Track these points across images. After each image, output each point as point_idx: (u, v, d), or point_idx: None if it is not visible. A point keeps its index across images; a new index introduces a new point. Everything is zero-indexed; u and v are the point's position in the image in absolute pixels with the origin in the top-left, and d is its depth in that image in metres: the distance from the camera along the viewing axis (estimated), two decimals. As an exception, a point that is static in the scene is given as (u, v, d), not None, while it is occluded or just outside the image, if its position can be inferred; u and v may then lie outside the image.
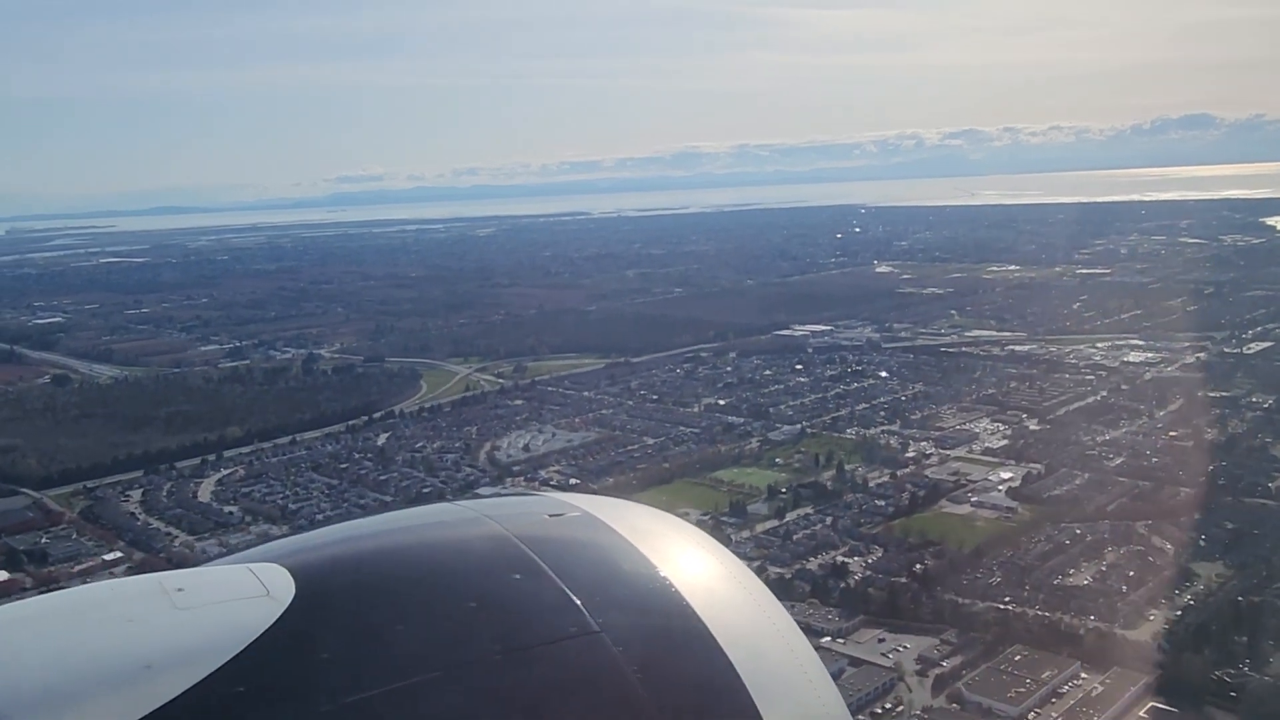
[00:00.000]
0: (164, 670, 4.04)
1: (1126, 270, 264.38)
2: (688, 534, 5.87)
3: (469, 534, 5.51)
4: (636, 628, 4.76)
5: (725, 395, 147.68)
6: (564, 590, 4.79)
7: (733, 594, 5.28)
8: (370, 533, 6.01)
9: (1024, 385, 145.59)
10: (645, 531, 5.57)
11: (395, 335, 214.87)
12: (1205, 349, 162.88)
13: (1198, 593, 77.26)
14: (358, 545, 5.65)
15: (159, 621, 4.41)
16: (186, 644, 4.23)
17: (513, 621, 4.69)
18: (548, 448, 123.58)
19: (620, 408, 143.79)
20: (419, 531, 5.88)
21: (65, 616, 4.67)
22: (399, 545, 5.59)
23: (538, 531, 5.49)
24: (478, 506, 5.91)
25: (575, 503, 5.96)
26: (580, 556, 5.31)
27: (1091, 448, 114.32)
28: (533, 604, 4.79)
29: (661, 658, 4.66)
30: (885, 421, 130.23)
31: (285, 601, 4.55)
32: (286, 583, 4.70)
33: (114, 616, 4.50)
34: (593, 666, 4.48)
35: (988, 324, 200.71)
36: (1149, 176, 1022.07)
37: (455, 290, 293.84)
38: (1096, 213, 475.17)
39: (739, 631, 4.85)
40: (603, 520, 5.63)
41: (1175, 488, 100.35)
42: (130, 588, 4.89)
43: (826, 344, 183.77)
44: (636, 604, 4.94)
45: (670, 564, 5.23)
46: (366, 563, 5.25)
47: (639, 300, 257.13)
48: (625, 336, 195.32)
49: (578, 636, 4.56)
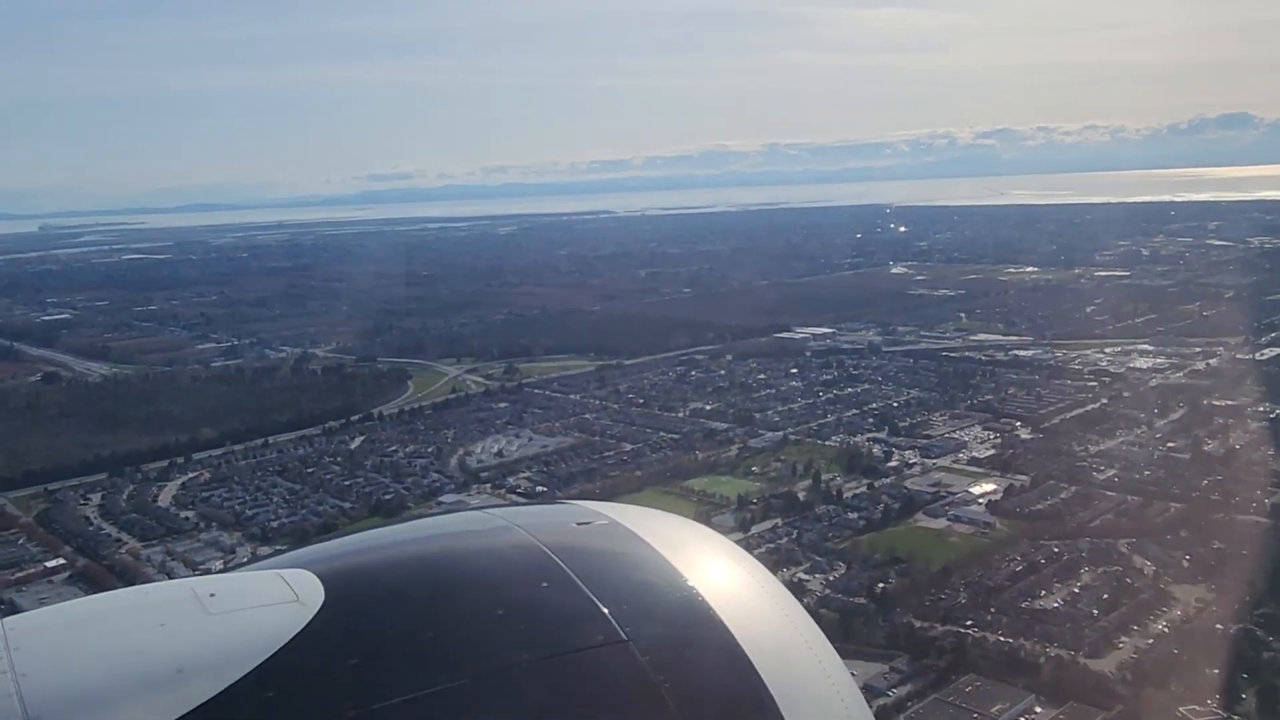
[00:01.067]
0: (195, 674, 4.12)
1: (1146, 273, 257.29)
2: (716, 544, 5.90)
3: (497, 542, 5.55)
4: (664, 637, 4.75)
5: (714, 399, 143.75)
6: (592, 599, 4.79)
7: (761, 605, 5.25)
8: (399, 539, 6.08)
9: (1022, 392, 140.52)
10: (673, 541, 5.54)
11: (393, 334, 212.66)
12: (1218, 355, 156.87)
13: (1173, 619, 72.49)
14: (387, 552, 5.73)
15: (190, 626, 4.48)
16: (217, 648, 4.30)
17: (540, 630, 4.71)
18: (522, 453, 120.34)
19: (604, 412, 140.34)
20: (448, 539, 6.06)
21: (99, 620, 4.75)
22: (428, 552, 5.66)
23: (566, 540, 5.47)
24: (506, 514, 5.94)
25: (604, 511, 5.95)
26: (608, 565, 5.29)
27: (1083, 459, 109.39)
28: (560, 612, 4.80)
29: (689, 668, 4.66)
30: (873, 428, 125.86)
31: (315, 607, 4.59)
32: (316, 589, 4.74)
33: (146, 621, 4.57)
34: (620, 676, 4.49)
35: (995, 327, 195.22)
36: (1185, 177, 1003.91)
37: (463, 289, 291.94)
38: (1124, 213, 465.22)
39: (767, 643, 4.81)
40: (631, 529, 5.64)
41: (1165, 503, 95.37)
42: (163, 593, 5.12)
43: (826, 347, 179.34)
44: (664, 614, 4.92)
45: (698, 574, 5.20)
46: (395, 569, 5.29)
47: (645, 300, 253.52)
48: (623, 338, 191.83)
49: (605, 645, 4.56)
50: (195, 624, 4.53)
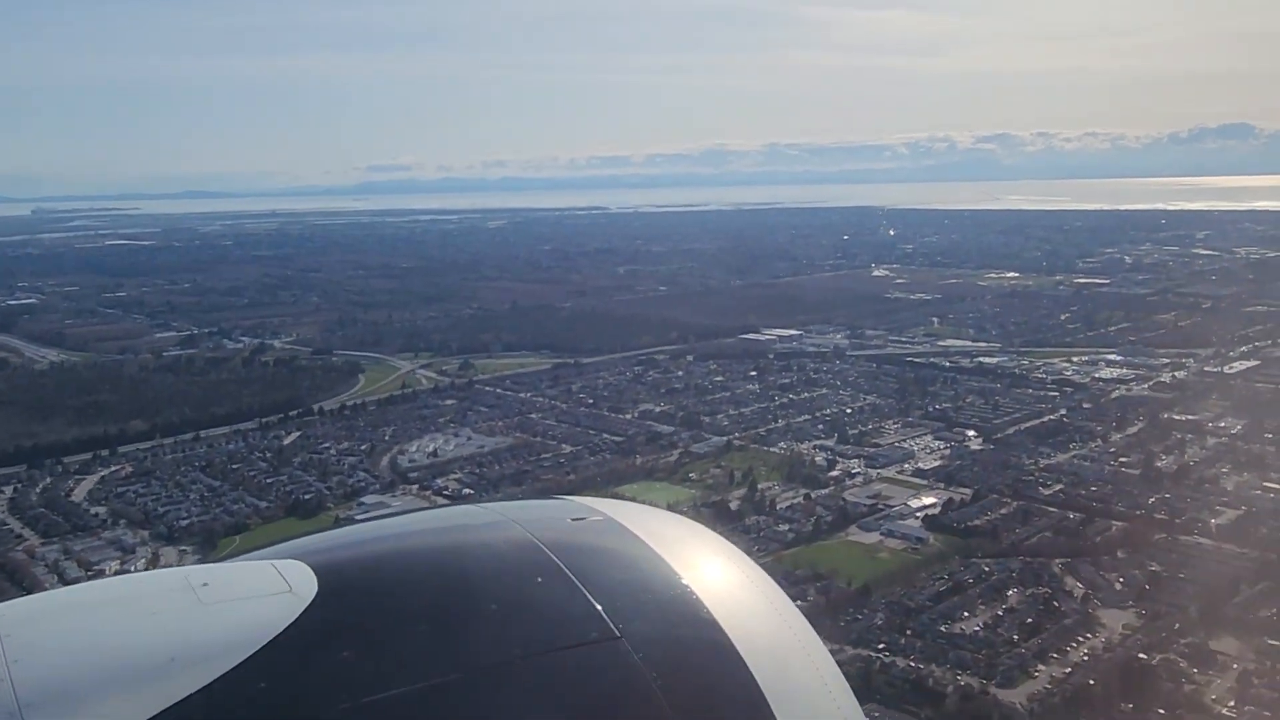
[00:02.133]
0: (187, 664, 4.11)
1: (1127, 281, 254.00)
2: (710, 541, 5.89)
3: (492, 536, 5.51)
4: (657, 634, 4.74)
5: (666, 401, 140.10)
6: (586, 595, 4.78)
7: (754, 603, 5.25)
8: (393, 532, 6.20)
9: (981, 400, 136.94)
10: (668, 538, 5.54)
11: (357, 327, 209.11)
12: (1186, 367, 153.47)
13: (1095, 647, 68.90)
14: (381, 544, 5.76)
15: (183, 615, 4.48)
16: (210, 638, 4.29)
17: (534, 625, 4.72)
18: (457, 453, 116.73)
19: (551, 412, 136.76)
20: (442, 533, 5.95)
21: (91, 608, 4.74)
22: (422, 546, 5.64)
23: (560, 536, 5.46)
24: (501, 509, 5.93)
25: (599, 507, 5.93)
26: (602, 562, 5.27)
27: (1030, 472, 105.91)
28: (554, 608, 4.79)
29: (681, 665, 4.65)
30: (822, 435, 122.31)
31: (308, 598, 4.57)
32: (309, 580, 4.71)
33: (139, 610, 4.57)
34: (613, 672, 4.49)
35: (966, 333, 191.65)
36: (1183, 186, 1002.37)
37: (439, 282, 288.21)
38: (1115, 221, 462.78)
39: (759, 641, 4.82)
40: (625, 526, 5.62)
41: (1108, 521, 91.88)
42: (156, 582, 4.99)
43: (791, 349, 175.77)
44: (658, 610, 4.92)
45: (692, 571, 5.20)
46: (389, 562, 5.31)
47: (618, 298, 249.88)
48: (587, 335, 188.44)
49: (599, 642, 4.55)
50: (188, 613, 4.47)
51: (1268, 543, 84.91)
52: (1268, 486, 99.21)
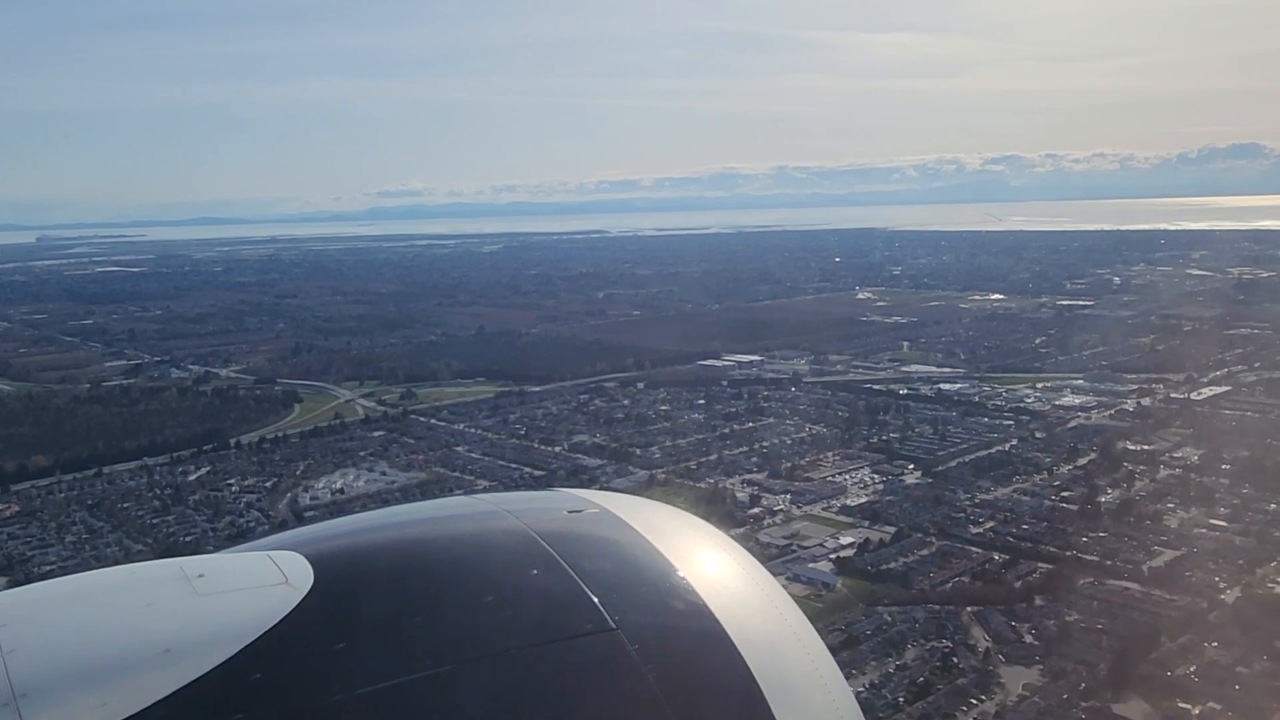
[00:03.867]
0: (182, 654, 4.09)
1: (1111, 303, 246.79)
2: (706, 533, 5.84)
3: (488, 528, 5.50)
4: (653, 626, 4.73)
5: (602, 433, 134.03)
6: (581, 587, 4.77)
7: (750, 595, 5.23)
8: (389, 524, 6.08)
9: (930, 430, 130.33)
10: (663, 530, 5.51)
11: (311, 354, 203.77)
12: (1153, 393, 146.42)
13: (985, 712, 62.24)
14: (376, 536, 5.70)
15: (178, 606, 4.47)
16: (205, 629, 4.28)
17: (530, 617, 4.70)
18: (364, 489, 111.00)
19: (480, 444, 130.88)
20: (438, 524, 5.94)
21: (86, 599, 4.71)
22: (418, 537, 5.60)
23: (556, 527, 5.45)
24: (497, 500, 5.91)
25: (595, 499, 5.90)
26: (598, 553, 5.23)
27: (963, 509, 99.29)
28: (550, 600, 4.78)
29: (677, 657, 4.65)
30: (755, 469, 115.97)
31: (304, 589, 4.56)
32: (305, 571, 4.70)
33: (134, 600, 4.55)
34: (608, 664, 4.48)
35: (934, 357, 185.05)
36: (1191, 206, 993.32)
37: (410, 308, 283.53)
38: (1113, 241, 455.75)
39: (755, 632, 4.82)
40: (621, 518, 5.59)
41: (1033, 563, 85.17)
42: (151, 572, 4.92)
43: (748, 376, 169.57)
44: (653, 602, 4.91)
45: (688, 563, 5.18)
46: (385, 553, 5.25)
47: (587, 323, 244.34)
48: (542, 362, 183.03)
49: (594, 634, 4.55)
50: (183, 604, 4.47)
51: (1199, 589, 78.16)
52: (1213, 524, 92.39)
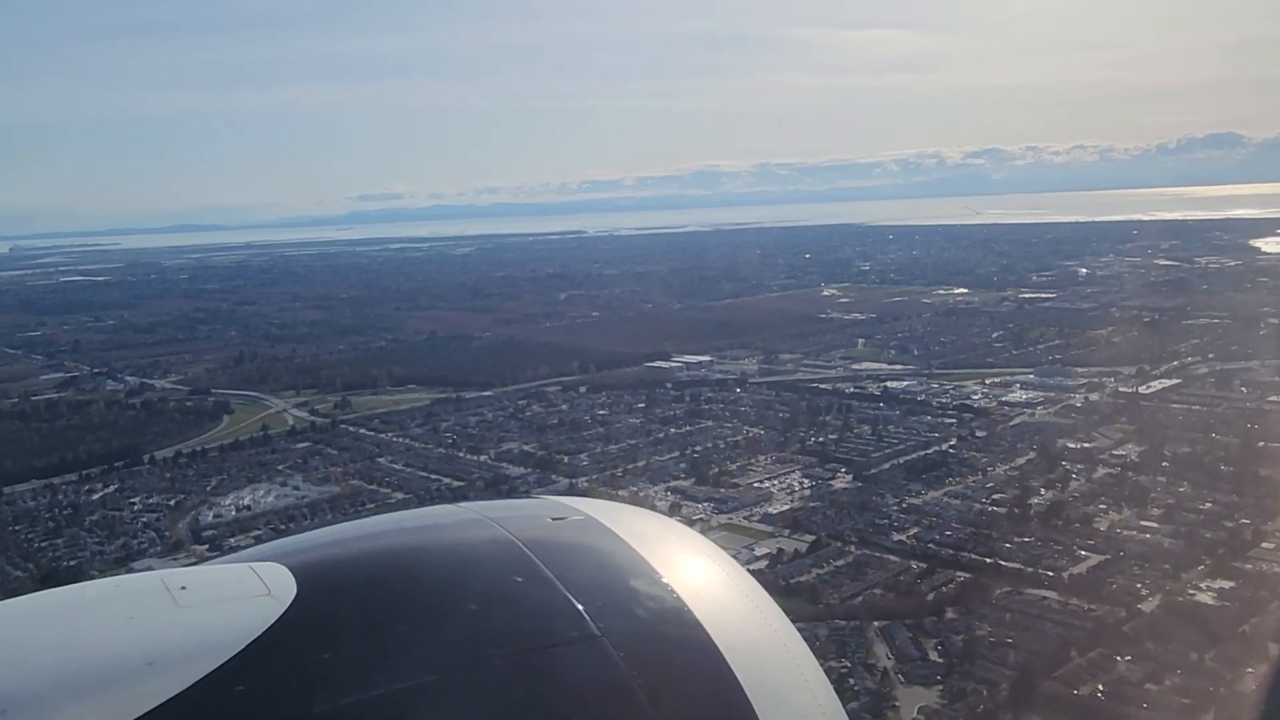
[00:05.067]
0: (164, 668, 4.04)
1: (1075, 295, 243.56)
2: (691, 540, 5.86)
3: (471, 536, 5.45)
4: (637, 633, 4.71)
5: (533, 439, 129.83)
6: (565, 594, 4.75)
7: (735, 601, 5.21)
8: (372, 533, 5.99)
9: (868, 430, 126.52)
10: (648, 536, 5.49)
11: (254, 363, 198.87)
12: (1103, 387, 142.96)
13: (874, 738, 58.29)
14: (359, 545, 5.63)
15: (160, 619, 4.41)
16: (187, 642, 4.23)
17: (513, 625, 4.68)
18: (273, 505, 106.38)
19: (405, 454, 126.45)
20: (421, 533, 5.85)
21: (66, 613, 4.64)
22: (401, 546, 5.54)
23: (540, 535, 5.42)
24: (480, 509, 5.87)
25: (579, 506, 5.90)
26: (582, 561, 5.23)
27: (887, 515, 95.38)
28: (533, 608, 4.76)
29: (662, 664, 4.62)
30: (683, 475, 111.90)
31: (286, 601, 4.52)
32: (288, 582, 4.66)
33: (115, 614, 4.47)
34: (592, 671, 4.45)
35: (887, 354, 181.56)
36: (1170, 196, 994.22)
37: (368, 312, 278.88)
38: (1087, 232, 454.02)
39: (740, 639, 4.78)
40: (605, 525, 5.57)
41: (951, 572, 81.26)
42: (132, 585, 4.86)
43: (695, 378, 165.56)
44: (638, 609, 4.90)
45: (672, 570, 5.16)
46: (368, 563, 5.22)
47: (542, 325, 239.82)
48: (487, 367, 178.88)
49: (578, 641, 4.52)
50: (165, 617, 4.39)
51: (1119, 597, 74.37)
52: (1143, 526, 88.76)
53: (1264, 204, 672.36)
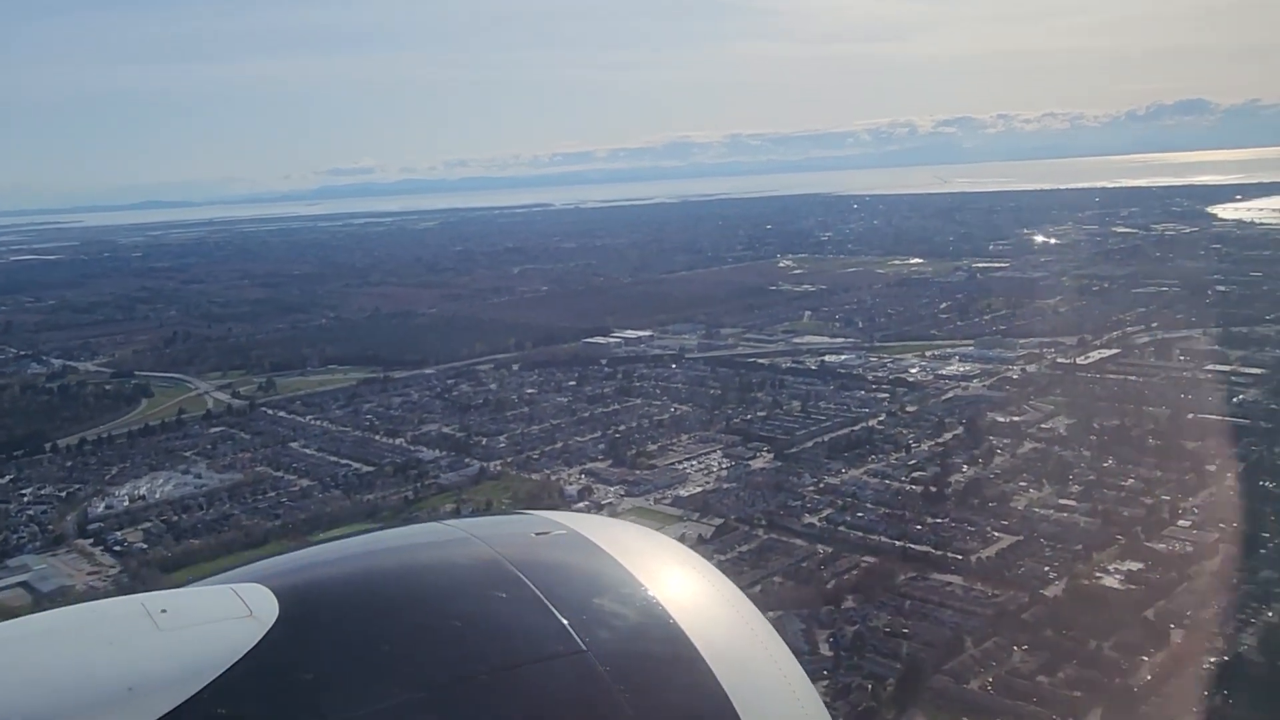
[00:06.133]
0: (146, 692, 4.00)
1: (1028, 264, 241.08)
2: (675, 552, 5.81)
3: (454, 553, 5.43)
4: (623, 646, 4.71)
5: (455, 420, 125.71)
6: (550, 609, 4.72)
7: (720, 612, 5.22)
8: (355, 552, 5.99)
9: (798, 406, 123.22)
10: (632, 550, 5.47)
11: (188, 343, 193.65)
12: (1042, 358, 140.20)
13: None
14: (342, 565, 5.60)
15: (141, 643, 4.37)
16: (169, 666, 4.20)
17: (498, 641, 4.66)
18: (170, 495, 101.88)
19: (320, 438, 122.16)
20: (404, 551, 5.84)
21: (46, 638, 4.60)
22: (384, 565, 5.53)
23: (524, 550, 5.40)
24: (464, 525, 5.86)
25: (562, 521, 5.88)
26: (566, 575, 5.23)
27: (801, 496, 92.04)
28: (518, 623, 4.74)
29: (648, 676, 4.62)
30: (601, 456, 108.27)
31: (268, 623, 4.49)
32: (270, 603, 4.63)
33: (96, 638, 4.45)
34: (578, 686, 4.44)
35: (832, 326, 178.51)
36: (1137, 163, 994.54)
37: (316, 289, 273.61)
38: (1049, 200, 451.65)
39: (726, 650, 4.78)
40: (589, 539, 5.55)
41: (857, 557, 78.08)
42: (112, 609, 4.83)
43: (633, 353, 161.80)
44: (623, 623, 4.88)
45: (657, 582, 5.14)
46: (351, 583, 5.19)
47: (489, 301, 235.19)
48: (424, 345, 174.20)
49: (564, 656, 4.50)
50: (146, 641, 4.35)
51: (1025, 581, 71.40)
52: (1061, 504, 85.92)
53: (1229, 170, 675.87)
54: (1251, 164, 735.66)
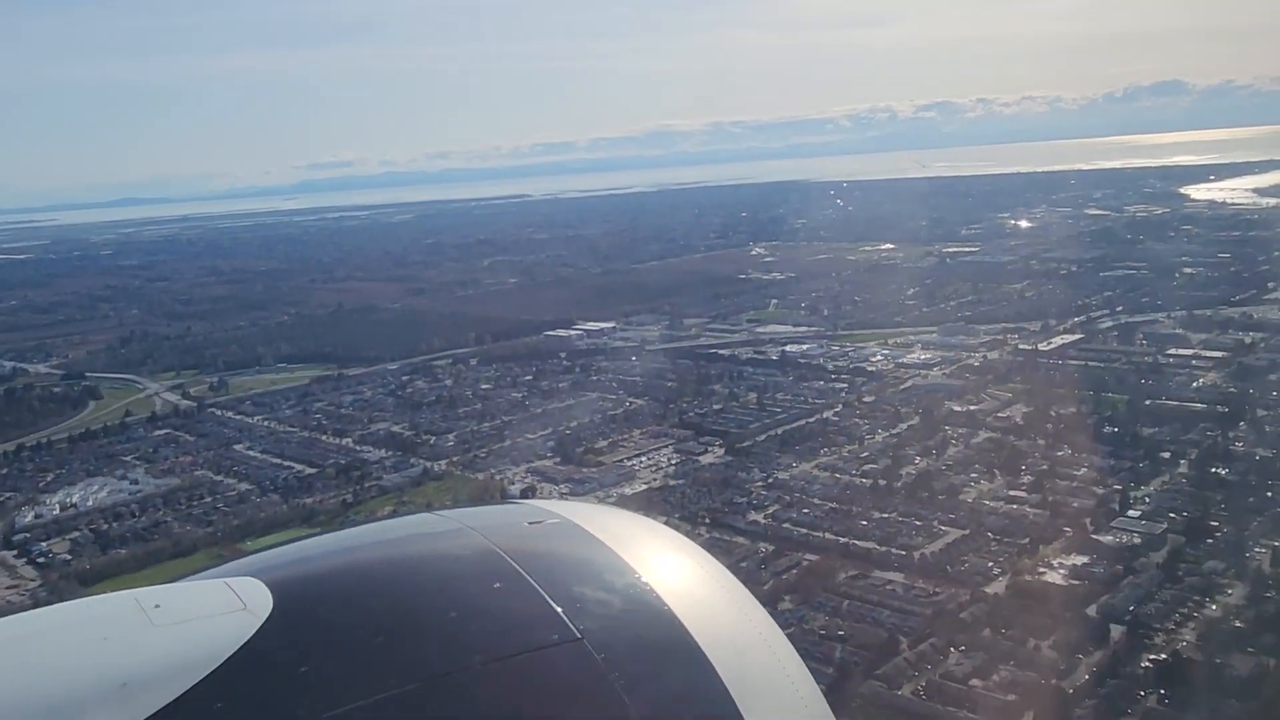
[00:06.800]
0: (140, 688, 3.98)
1: (998, 248, 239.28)
2: (670, 540, 5.78)
3: (448, 544, 5.42)
4: (618, 634, 4.68)
5: (407, 418, 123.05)
6: (545, 598, 4.71)
7: (715, 599, 5.15)
8: (349, 544, 5.98)
9: (754, 399, 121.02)
10: (626, 537, 5.44)
11: (143, 343, 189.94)
12: (1004, 344, 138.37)
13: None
14: (336, 558, 5.62)
15: (135, 639, 4.36)
16: (163, 661, 4.17)
17: (493, 631, 4.63)
18: (101, 502, 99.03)
19: (266, 439, 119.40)
20: (398, 543, 5.84)
21: (40, 636, 4.59)
22: (378, 557, 5.49)
23: (518, 539, 5.36)
24: (458, 515, 5.80)
25: (557, 510, 5.83)
26: (561, 564, 5.19)
27: (749, 492, 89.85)
28: (513, 612, 4.72)
29: (644, 664, 4.59)
30: (550, 454, 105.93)
31: (262, 616, 4.47)
32: (264, 597, 4.61)
33: (89, 635, 4.43)
34: (574, 674, 4.41)
35: (798, 315, 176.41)
36: (1114, 145, 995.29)
37: (281, 285, 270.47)
38: (1023, 184, 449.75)
39: (722, 636, 4.75)
40: (584, 527, 5.52)
41: (799, 555, 76.01)
42: (105, 606, 4.80)
43: (593, 346, 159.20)
44: (618, 610, 4.86)
45: (652, 570, 5.11)
46: (345, 575, 5.19)
47: (455, 294, 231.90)
48: (382, 341, 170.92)
49: (559, 644, 4.47)
50: (140, 637, 4.33)
51: (965, 578, 69.53)
52: (1011, 496, 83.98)
53: (1205, 150, 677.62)
54: (1227, 144, 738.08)
